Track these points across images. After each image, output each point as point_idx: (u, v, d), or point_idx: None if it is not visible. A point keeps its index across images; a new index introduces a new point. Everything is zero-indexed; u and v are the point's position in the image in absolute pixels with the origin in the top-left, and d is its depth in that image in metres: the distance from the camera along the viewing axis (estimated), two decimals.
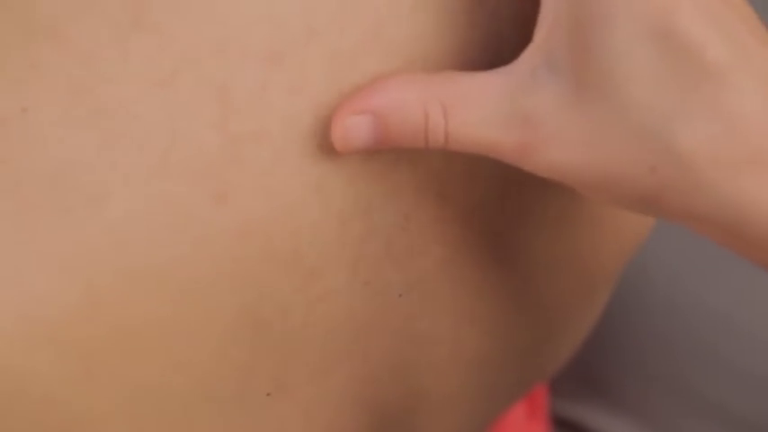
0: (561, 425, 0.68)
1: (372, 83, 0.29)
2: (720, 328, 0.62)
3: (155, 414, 0.30)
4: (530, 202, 0.35)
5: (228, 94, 0.28)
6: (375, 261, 0.32)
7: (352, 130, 0.29)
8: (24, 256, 0.26)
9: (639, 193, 0.29)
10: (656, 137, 0.28)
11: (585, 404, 0.67)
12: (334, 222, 0.31)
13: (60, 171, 0.27)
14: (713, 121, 0.27)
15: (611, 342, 0.65)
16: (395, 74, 0.30)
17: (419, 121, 0.29)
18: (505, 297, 0.37)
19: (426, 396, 0.38)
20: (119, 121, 0.27)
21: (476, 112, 0.29)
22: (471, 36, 0.31)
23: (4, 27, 0.26)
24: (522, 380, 0.42)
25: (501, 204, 0.35)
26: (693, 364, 0.63)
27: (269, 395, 0.32)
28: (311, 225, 0.30)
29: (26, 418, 0.27)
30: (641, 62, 0.27)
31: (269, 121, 0.29)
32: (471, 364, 0.38)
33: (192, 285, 0.29)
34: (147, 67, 0.27)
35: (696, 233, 0.30)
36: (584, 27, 0.28)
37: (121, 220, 0.27)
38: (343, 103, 0.29)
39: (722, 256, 0.63)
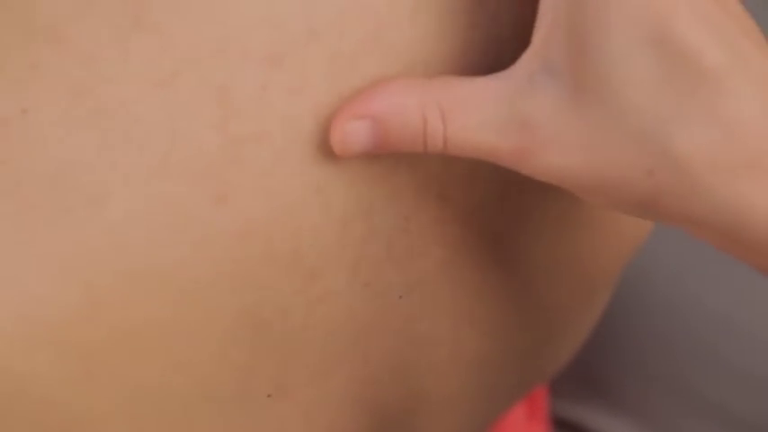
0: (561, 425, 0.68)
1: (371, 87, 0.29)
2: (720, 328, 0.62)
3: (155, 415, 0.30)
4: (529, 204, 0.35)
5: (229, 95, 0.28)
6: (375, 263, 0.32)
7: (352, 134, 0.29)
8: (24, 256, 0.26)
9: (637, 196, 0.29)
10: (653, 141, 0.28)
11: (585, 405, 0.67)
12: (334, 224, 0.31)
13: (60, 171, 0.27)
14: (710, 126, 0.27)
15: (611, 343, 0.65)
16: (394, 78, 0.30)
17: (418, 126, 0.29)
18: (505, 298, 0.37)
19: (426, 397, 0.37)
20: (119, 121, 0.27)
21: (474, 116, 0.29)
22: (472, 38, 0.31)
23: (3, 28, 0.26)
24: (522, 381, 0.42)
25: (501, 206, 0.35)
26: (693, 365, 0.63)
27: (269, 396, 0.32)
28: (311, 226, 0.30)
29: (26, 418, 0.27)
30: (638, 67, 0.27)
31: (269, 122, 0.29)
32: (471, 366, 0.38)
33: (192, 286, 0.29)
34: (148, 67, 0.27)
35: (694, 237, 0.30)
36: (581, 31, 0.28)
37: (121, 220, 0.27)
38: (342, 107, 0.29)
39: (722, 257, 0.63)
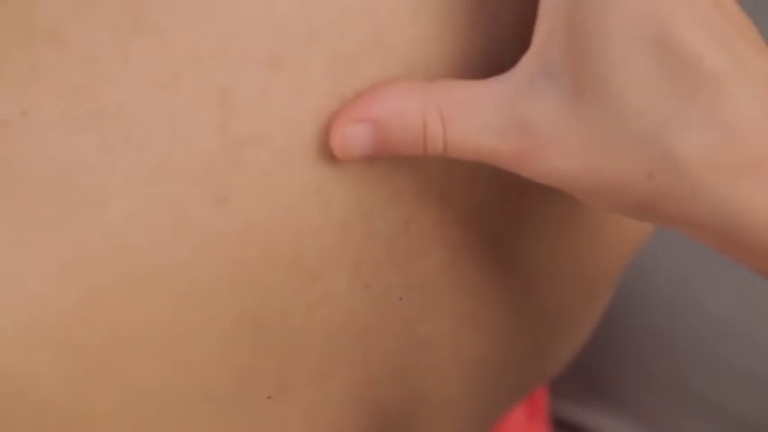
0: (562, 426, 0.68)
1: (371, 90, 0.29)
2: (720, 329, 0.62)
3: (155, 416, 0.30)
4: (530, 206, 0.35)
5: (229, 97, 0.28)
6: (375, 264, 0.32)
7: (352, 138, 0.29)
8: (25, 258, 0.26)
9: (637, 199, 0.29)
10: (653, 143, 0.28)
11: (586, 406, 0.67)
12: (334, 226, 0.31)
13: (60, 173, 0.27)
14: (710, 129, 0.27)
15: (611, 344, 0.65)
16: (394, 81, 0.30)
17: (418, 130, 0.29)
18: (506, 300, 0.37)
19: (426, 399, 0.37)
20: (119, 122, 0.27)
21: (474, 120, 0.29)
22: (472, 40, 0.31)
23: (3, 29, 0.26)
24: (523, 382, 0.42)
25: (501, 208, 0.35)
26: (693, 366, 0.63)
27: (269, 398, 0.32)
28: (311, 228, 0.30)
29: (26, 420, 0.27)
30: (638, 69, 0.27)
31: (269, 123, 0.29)
32: (471, 367, 0.38)
33: (193, 287, 0.29)
34: (148, 69, 0.27)
35: (694, 239, 0.30)
36: (581, 34, 0.28)
37: (122, 222, 0.27)
38: (342, 110, 0.29)
39: (721, 258, 0.63)
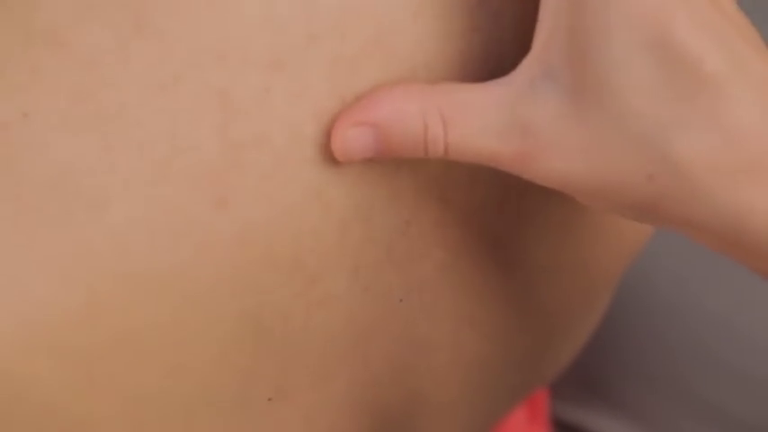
0: (562, 428, 0.68)
1: (372, 93, 0.29)
2: (720, 331, 0.62)
3: (155, 419, 0.30)
4: (530, 207, 0.35)
5: (229, 99, 0.28)
6: (375, 266, 0.32)
7: (353, 140, 0.29)
8: (25, 260, 0.26)
9: (637, 201, 0.29)
10: (653, 145, 0.28)
11: (586, 407, 0.67)
12: (334, 228, 0.31)
13: (61, 175, 0.27)
14: (710, 131, 0.27)
15: (611, 345, 0.65)
16: (395, 84, 0.30)
17: (419, 133, 0.29)
18: (506, 301, 0.37)
19: (426, 400, 0.37)
20: (119, 125, 0.27)
21: (475, 122, 0.29)
22: (473, 42, 0.31)
23: (4, 32, 0.26)
24: (523, 384, 0.42)
25: (501, 209, 0.35)
26: (693, 367, 0.63)
27: (270, 400, 0.32)
28: (311, 230, 0.30)
29: (26, 422, 0.27)
30: (638, 72, 0.27)
31: (270, 126, 0.29)
32: (471, 369, 0.38)
33: (193, 290, 0.29)
34: (148, 71, 0.27)
35: (694, 241, 0.30)
36: (581, 36, 0.28)
37: (122, 224, 0.27)
38: (343, 113, 0.29)
39: (721, 259, 0.63)
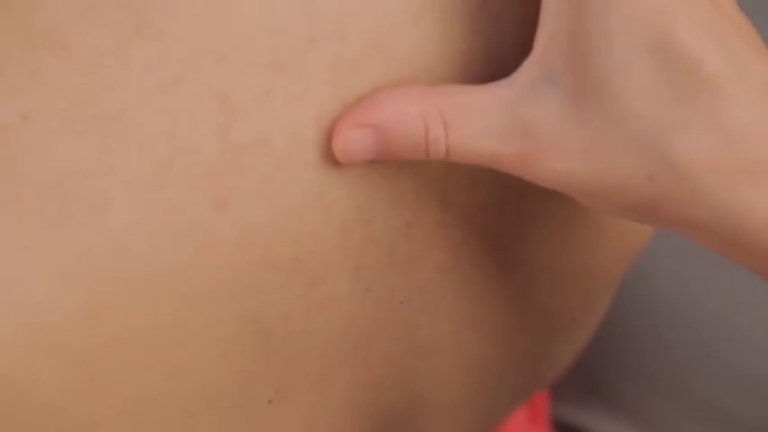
0: (562, 429, 0.68)
1: (373, 95, 0.30)
2: (720, 331, 0.62)
3: (156, 421, 0.30)
4: (531, 208, 0.35)
5: (230, 102, 0.28)
6: (377, 268, 0.32)
7: (354, 142, 0.29)
8: (25, 263, 0.26)
9: (637, 202, 0.29)
10: (653, 147, 0.28)
11: (586, 408, 0.67)
12: (335, 230, 0.31)
13: (61, 177, 0.27)
14: (711, 132, 0.27)
15: (611, 346, 0.65)
16: (395, 86, 0.30)
17: (420, 135, 0.29)
18: (507, 302, 0.37)
19: (427, 402, 0.37)
20: (120, 127, 0.27)
21: (476, 124, 0.29)
22: (474, 44, 0.31)
23: (4, 34, 0.26)
24: (524, 385, 0.42)
25: (502, 210, 0.35)
26: (693, 368, 0.63)
27: (270, 402, 0.32)
28: (312, 232, 0.30)
29: (26, 424, 0.27)
30: (639, 74, 0.27)
31: (270, 128, 0.29)
32: (472, 370, 0.38)
33: (193, 292, 0.29)
34: (149, 73, 0.27)
35: (694, 241, 0.30)
36: (582, 38, 0.28)
37: (122, 226, 0.27)
38: (344, 115, 0.29)
39: (721, 260, 0.63)
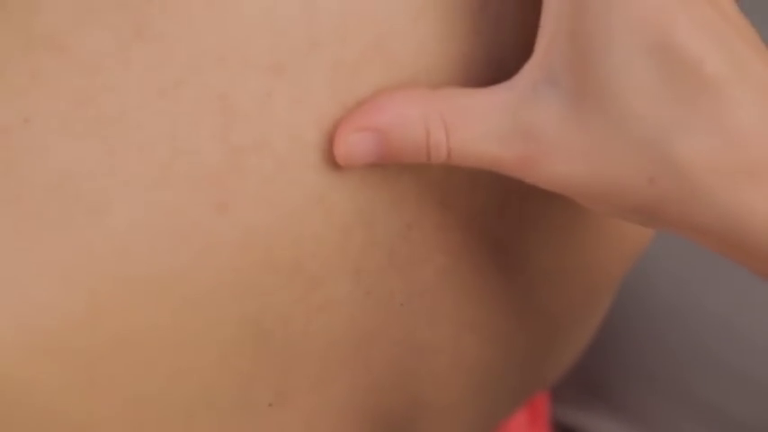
0: (563, 431, 0.68)
1: (374, 98, 0.30)
2: (720, 332, 0.62)
3: (156, 422, 0.30)
4: (532, 211, 0.35)
5: (230, 104, 0.28)
6: (377, 270, 0.32)
7: (355, 146, 0.29)
8: (26, 265, 0.26)
9: (639, 204, 0.29)
10: (654, 148, 0.28)
11: (587, 410, 0.67)
12: (335, 232, 0.31)
13: (62, 179, 0.27)
14: (711, 134, 0.27)
15: (611, 347, 0.65)
16: (396, 89, 0.30)
17: (420, 138, 0.29)
18: (507, 305, 0.37)
19: (428, 405, 0.37)
20: (120, 129, 0.27)
21: (477, 127, 0.29)
22: (475, 46, 0.31)
23: (4, 36, 0.26)
24: (524, 387, 0.42)
25: (502, 213, 0.35)
26: (694, 369, 0.63)
27: (270, 405, 0.32)
28: (313, 235, 0.30)
29: (27, 425, 0.27)
30: (639, 75, 0.27)
31: (271, 131, 0.29)
32: (472, 373, 0.38)
33: (194, 294, 0.29)
34: (149, 76, 0.27)
35: (695, 243, 0.30)
36: (583, 40, 0.28)
37: (123, 228, 0.27)
38: (345, 118, 0.29)
39: (722, 261, 0.63)
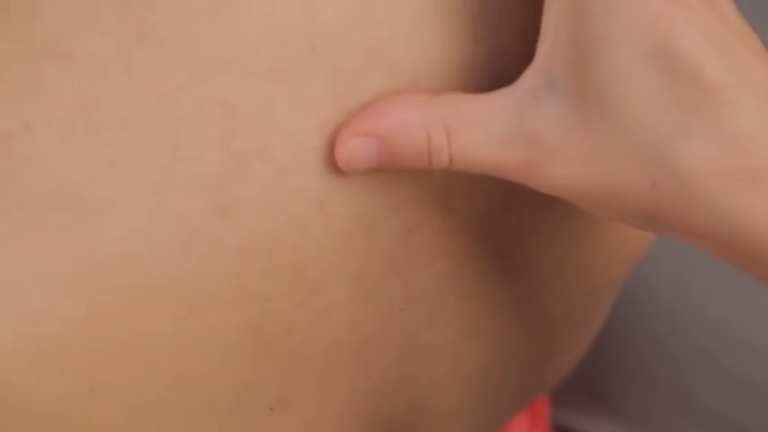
0: None
1: (376, 103, 0.30)
2: (721, 336, 0.62)
3: (156, 428, 0.30)
4: (533, 215, 0.35)
5: (232, 110, 0.28)
6: (378, 275, 0.32)
7: (356, 150, 0.29)
8: (27, 270, 0.26)
9: (641, 209, 0.29)
10: (656, 154, 0.28)
11: (587, 414, 0.67)
12: (337, 237, 0.31)
13: (63, 185, 0.27)
14: (713, 140, 0.27)
15: (612, 351, 0.65)
16: (398, 94, 0.30)
17: (422, 144, 0.29)
18: (508, 309, 0.37)
19: (428, 410, 0.37)
20: (122, 135, 0.27)
21: (479, 133, 0.29)
22: (476, 52, 0.31)
23: (5, 42, 0.26)
24: (525, 391, 0.42)
25: (503, 217, 0.35)
26: (694, 373, 0.63)
27: (271, 410, 0.32)
28: (314, 240, 0.30)
29: (27, 431, 0.27)
30: (641, 81, 0.27)
31: (273, 136, 0.29)
32: (473, 378, 0.38)
33: (195, 300, 0.29)
34: (150, 81, 0.27)
35: (696, 248, 0.30)
36: (584, 46, 0.28)
37: (124, 234, 0.27)
38: (347, 123, 0.29)
39: (722, 265, 0.63)
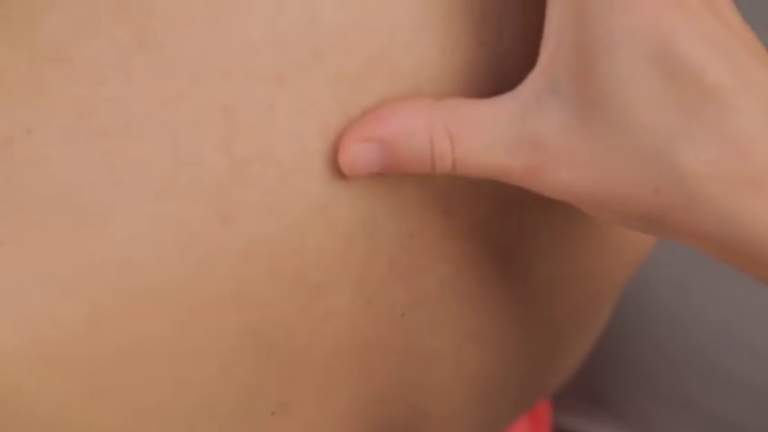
0: None
1: (379, 108, 0.30)
2: (721, 339, 0.62)
3: None
4: (536, 219, 0.35)
5: (233, 115, 0.28)
6: (380, 280, 0.32)
7: (359, 155, 0.29)
8: (27, 275, 0.26)
9: (644, 212, 0.29)
10: (659, 158, 0.28)
11: (588, 417, 0.67)
12: (338, 242, 0.31)
13: (64, 190, 0.27)
14: (715, 143, 0.27)
15: (612, 355, 0.65)
16: (401, 99, 0.30)
17: (425, 149, 0.29)
18: (510, 313, 0.37)
19: (430, 415, 0.37)
20: (123, 141, 0.27)
21: (482, 138, 0.29)
22: (478, 56, 0.31)
23: (6, 48, 0.27)
24: (526, 395, 0.42)
25: (504, 221, 0.35)
26: (695, 376, 0.63)
27: (273, 414, 0.32)
28: (316, 245, 0.30)
29: None
30: (643, 85, 0.27)
31: (274, 141, 0.29)
32: (475, 382, 0.38)
33: (197, 304, 0.29)
34: (152, 87, 0.27)
35: (698, 250, 0.30)
36: (586, 50, 0.28)
37: (126, 240, 0.27)
38: (350, 128, 0.29)
39: (722, 268, 0.63)
